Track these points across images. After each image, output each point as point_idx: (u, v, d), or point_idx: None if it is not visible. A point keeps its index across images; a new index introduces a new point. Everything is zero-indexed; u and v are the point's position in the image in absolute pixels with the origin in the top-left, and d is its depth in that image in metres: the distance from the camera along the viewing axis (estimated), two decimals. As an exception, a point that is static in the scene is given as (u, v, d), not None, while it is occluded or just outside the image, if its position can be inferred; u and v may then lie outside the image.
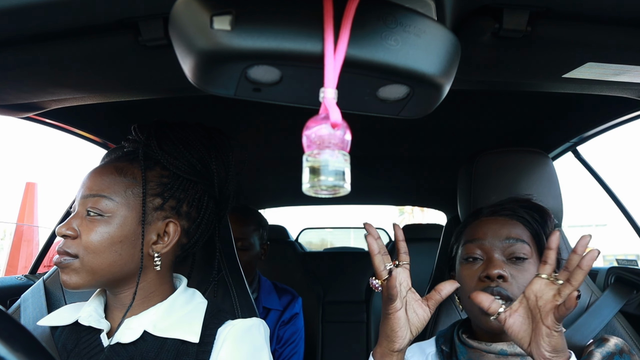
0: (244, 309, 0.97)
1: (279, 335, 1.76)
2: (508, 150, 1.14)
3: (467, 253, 0.89)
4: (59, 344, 0.79)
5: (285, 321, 1.78)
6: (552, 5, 0.54)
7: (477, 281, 0.84)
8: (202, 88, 0.46)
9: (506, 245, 0.85)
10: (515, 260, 0.84)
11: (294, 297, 1.87)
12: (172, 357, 0.74)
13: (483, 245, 0.87)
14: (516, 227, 0.87)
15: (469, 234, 0.92)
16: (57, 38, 0.60)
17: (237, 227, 1.75)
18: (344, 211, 15.49)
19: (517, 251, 0.84)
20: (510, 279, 0.81)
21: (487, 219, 0.91)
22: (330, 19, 0.40)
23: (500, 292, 0.80)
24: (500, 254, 0.85)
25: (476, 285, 0.84)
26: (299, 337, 1.82)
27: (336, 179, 0.39)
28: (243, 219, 1.78)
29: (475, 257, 0.87)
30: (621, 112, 1.08)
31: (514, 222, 0.88)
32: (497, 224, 0.88)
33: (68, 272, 0.74)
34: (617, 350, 0.79)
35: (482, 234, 0.88)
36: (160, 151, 0.81)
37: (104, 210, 0.75)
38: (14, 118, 0.92)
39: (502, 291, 0.80)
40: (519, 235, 0.85)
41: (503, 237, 0.85)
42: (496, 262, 0.83)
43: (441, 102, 0.49)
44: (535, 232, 0.87)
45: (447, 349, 0.93)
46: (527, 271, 0.83)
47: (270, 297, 1.79)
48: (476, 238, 0.88)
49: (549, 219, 0.89)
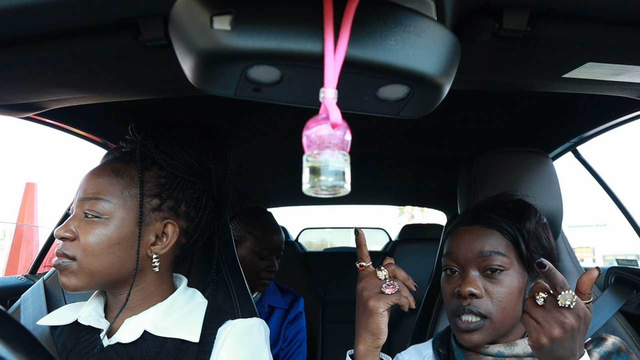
0: (244, 309, 0.97)
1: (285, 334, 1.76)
2: (508, 150, 1.14)
3: (445, 265, 0.90)
4: (59, 344, 0.79)
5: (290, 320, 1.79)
6: (552, 5, 0.54)
7: (453, 296, 0.86)
8: (202, 88, 0.46)
9: (480, 259, 0.83)
10: (490, 273, 0.83)
11: (297, 297, 1.89)
12: (172, 356, 0.74)
13: (457, 259, 0.87)
14: (491, 238, 0.85)
15: (448, 244, 0.91)
16: (57, 38, 0.60)
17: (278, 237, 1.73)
18: (344, 211, 15.50)
19: (491, 264, 0.82)
20: (484, 294, 0.82)
21: (463, 229, 0.89)
22: (330, 19, 0.40)
23: (471, 310, 0.81)
24: (475, 268, 0.84)
25: (451, 300, 0.86)
26: (303, 336, 1.84)
27: (336, 179, 0.39)
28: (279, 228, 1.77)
29: (453, 270, 0.88)
30: (621, 112, 1.08)
31: (490, 232, 0.85)
32: (471, 235, 0.86)
33: (67, 274, 0.74)
34: (614, 349, 0.79)
35: (455, 248, 0.88)
36: (157, 151, 0.81)
37: (101, 212, 0.75)
38: (14, 118, 0.92)
39: (473, 309, 0.81)
40: (494, 247, 0.83)
41: (476, 251, 0.84)
42: (469, 279, 0.83)
43: (441, 102, 0.49)
44: (513, 239, 0.85)
45: (444, 351, 0.92)
46: (502, 283, 0.82)
47: (275, 296, 1.80)
48: (451, 252, 0.88)
49: (527, 220, 0.86)
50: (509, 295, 0.81)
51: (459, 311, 0.83)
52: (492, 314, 0.81)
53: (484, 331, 0.81)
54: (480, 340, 0.82)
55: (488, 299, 0.82)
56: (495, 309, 0.81)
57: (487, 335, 0.82)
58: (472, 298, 0.82)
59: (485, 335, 0.82)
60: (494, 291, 0.82)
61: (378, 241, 3.80)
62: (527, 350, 0.82)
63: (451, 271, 0.88)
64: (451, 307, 0.86)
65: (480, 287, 0.82)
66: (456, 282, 0.86)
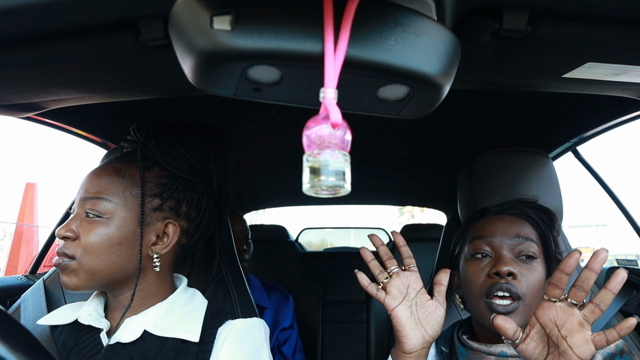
0: (244, 309, 0.97)
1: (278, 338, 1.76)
2: (508, 150, 1.14)
3: (475, 249, 0.87)
4: (59, 343, 0.79)
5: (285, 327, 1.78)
6: (552, 5, 0.54)
7: (485, 277, 0.83)
8: (202, 88, 0.46)
9: (515, 243, 0.84)
10: (524, 258, 0.83)
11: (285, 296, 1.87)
12: (172, 356, 0.74)
13: (492, 242, 0.85)
14: (525, 226, 0.86)
15: (475, 231, 0.90)
16: (57, 38, 0.60)
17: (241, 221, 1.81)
18: (344, 211, 15.50)
19: (526, 249, 0.83)
20: (520, 276, 0.80)
21: (495, 217, 0.90)
22: (330, 19, 0.40)
23: (509, 289, 0.79)
24: (509, 252, 0.84)
25: (484, 281, 0.83)
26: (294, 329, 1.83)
27: (336, 179, 0.39)
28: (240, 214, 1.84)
29: (483, 254, 0.86)
30: (621, 112, 1.08)
31: (522, 221, 0.88)
32: (505, 222, 0.87)
33: (67, 273, 0.74)
34: (617, 350, 0.79)
35: (490, 231, 0.87)
36: (158, 151, 0.81)
37: (102, 211, 0.75)
38: (14, 118, 0.92)
39: (511, 288, 0.79)
40: (528, 234, 0.85)
41: (512, 235, 0.85)
42: (506, 260, 0.82)
43: (441, 102, 0.49)
44: (542, 233, 0.87)
45: (447, 350, 0.92)
46: (535, 270, 0.82)
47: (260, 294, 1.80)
48: (484, 235, 0.87)
49: (555, 221, 0.89)
50: (539, 283, 0.81)
51: (493, 290, 0.80)
52: (526, 296, 0.79)
53: (518, 314, 0.79)
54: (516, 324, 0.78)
55: (523, 281, 0.80)
56: (529, 292, 0.79)
57: (519, 319, 0.79)
58: (509, 278, 0.80)
59: (520, 319, 0.79)
60: (528, 275, 0.81)
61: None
62: None
63: (482, 255, 0.86)
64: (483, 289, 0.82)
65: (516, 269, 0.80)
66: (487, 265, 0.84)
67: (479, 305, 0.83)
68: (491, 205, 0.96)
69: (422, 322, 0.79)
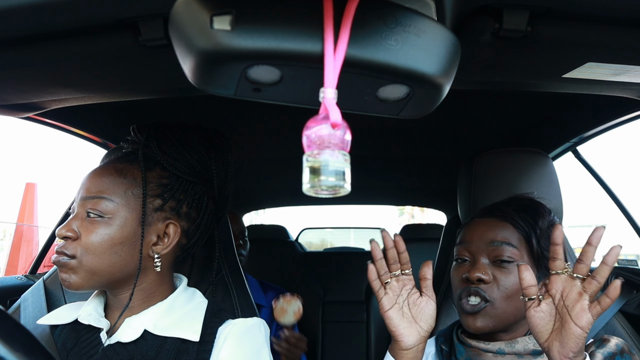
0: (244, 309, 0.97)
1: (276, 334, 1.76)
2: (508, 150, 1.14)
3: (457, 254, 0.92)
4: (59, 343, 0.79)
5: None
6: (552, 5, 0.54)
7: (460, 282, 0.88)
8: (202, 88, 0.46)
9: (491, 248, 0.86)
10: (500, 262, 0.85)
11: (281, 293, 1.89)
12: (173, 356, 0.74)
13: (469, 248, 0.89)
14: (504, 230, 0.88)
15: (461, 235, 0.94)
16: (57, 38, 0.60)
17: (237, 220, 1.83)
18: (344, 211, 15.49)
19: (502, 254, 0.85)
20: (492, 281, 0.84)
21: (477, 221, 0.93)
22: (330, 19, 0.40)
23: (478, 293, 0.83)
24: (485, 257, 0.87)
25: (459, 284, 0.88)
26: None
27: (336, 179, 0.39)
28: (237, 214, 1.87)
29: (464, 259, 0.90)
30: (621, 112, 1.08)
31: (503, 224, 0.88)
32: (485, 226, 0.90)
33: (66, 270, 0.74)
34: (618, 350, 0.79)
35: (469, 236, 0.90)
36: (160, 152, 0.81)
37: (104, 211, 0.75)
38: (14, 118, 0.92)
39: (480, 292, 0.83)
40: (506, 238, 0.86)
41: (488, 240, 0.87)
42: (478, 266, 0.85)
43: (441, 102, 0.49)
44: (525, 234, 0.87)
45: (447, 348, 0.93)
46: (511, 274, 0.84)
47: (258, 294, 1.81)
48: (464, 240, 0.91)
49: (540, 218, 0.89)
50: (516, 285, 0.82)
51: (463, 294, 0.85)
52: (496, 299, 0.83)
53: (485, 315, 0.83)
54: (483, 325, 0.83)
55: (495, 285, 0.84)
56: (499, 295, 0.83)
57: (489, 321, 0.83)
58: (479, 283, 0.84)
59: (487, 321, 0.83)
60: (502, 279, 0.84)
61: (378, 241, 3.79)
62: (527, 347, 0.82)
63: (462, 260, 0.90)
64: (458, 292, 0.88)
65: (489, 274, 0.84)
66: (465, 269, 0.88)
67: (458, 307, 0.89)
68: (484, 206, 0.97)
69: (416, 319, 0.81)
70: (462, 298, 0.86)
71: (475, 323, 0.83)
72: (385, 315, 0.82)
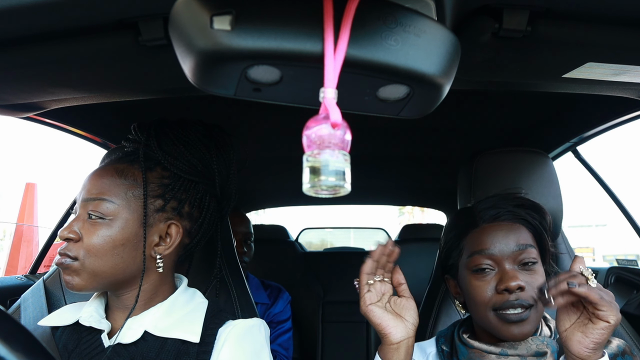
0: (245, 309, 0.97)
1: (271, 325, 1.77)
2: (508, 150, 1.14)
3: (476, 264, 0.85)
4: (60, 344, 0.79)
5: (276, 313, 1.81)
6: (552, 5, 0.54)
7: (493, 293, 0.83)
8: (202, 88, 0.46)
9: (517, 253, 0.83)
10: (526, 265, 0.83)
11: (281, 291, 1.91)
12: (173, 357, 0.74)
13: (493, 256, 0.84)
14: (521, 232, 0.86)
15: (473, 243, 0.89)
16: (57, 38, 0.60)
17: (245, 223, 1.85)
18: (344, 211, 15.50)
19: (527, 257, 0.83)
20: (527, 286, 0.81)
21: (489, 227, 0.88)
22: (330, 19, 0.40)
23: (521, 304, 0.80)
24: (512, 263, 0.83)
25: (493, 296, 0.83)
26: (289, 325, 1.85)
27: (336, 179, 0.39)
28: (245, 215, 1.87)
29: (486, 268, 0.85)
30: (621, 112, 1.08)
31: (518, 226, 0.86)
32: (502, 230, 0.86)
33: (70, 272, 0.74)
34: (619, 351, 0.79)
35: (489, 244, 0.85)
36: (160, 152, 0.81)
37: (105, 213, 0.75)
38: (14, 118, 0.92)
39: (523, 302, 0.80)
40: (526, 240, 0.85)
41: (512, 244, 0.84)
42: (512, 274, 0.81)
43: (441, 102, 0.49)
44: (537, 233, 0.87)
45: (448, 348, 0.93)
46: (537, 273, 0.83)
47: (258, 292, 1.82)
48: (483, 249, 0.85)
49: (545, 214, 0.89)
50: (542, 284, 0.81)
51: (506, 306, 0.81)
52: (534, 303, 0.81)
53: (531, 321, 0.81)
54: (530, 329, 0.81)
55: (531, 289, 0.81)
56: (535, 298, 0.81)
57: (534, 325, 0.82)
58: (519, 292, 0.80)
59: (533, 325, 0.81)
60: (532, 281, 0.82)
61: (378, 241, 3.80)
62: (530, 349, 0.82)
63: (483, 270, 0.85)
64: (491, 303, 0.83)
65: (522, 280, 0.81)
66: (492, 280, 0.84)
67: (487, 317, 0.84)
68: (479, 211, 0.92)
69: (400, 313, 0.82)
70: (502, 309, 0.81)
71: (523, 330, 0.80)
72: (368, 309, 0.82)
